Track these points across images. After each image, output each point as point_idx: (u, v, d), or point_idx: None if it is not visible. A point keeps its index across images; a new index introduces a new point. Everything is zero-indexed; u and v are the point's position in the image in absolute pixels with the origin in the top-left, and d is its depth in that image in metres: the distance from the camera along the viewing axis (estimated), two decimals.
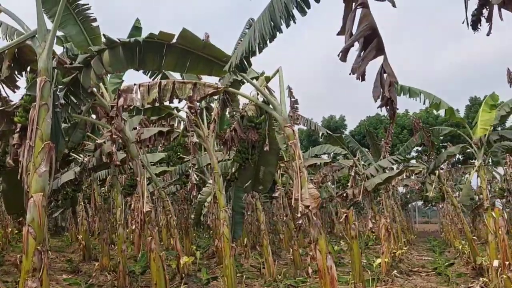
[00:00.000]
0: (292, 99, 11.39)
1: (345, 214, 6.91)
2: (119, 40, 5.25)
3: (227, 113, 9.08)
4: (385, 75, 2.50)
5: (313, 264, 11.27)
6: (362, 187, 11.31)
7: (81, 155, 10.65)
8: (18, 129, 4.82)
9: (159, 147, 13.97)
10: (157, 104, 6.17)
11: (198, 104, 8.75)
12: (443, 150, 19.68)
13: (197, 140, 8.34)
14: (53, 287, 8.23)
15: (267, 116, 6.20)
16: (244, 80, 6.86)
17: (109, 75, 7.64)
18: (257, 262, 11.58)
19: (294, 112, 11.74)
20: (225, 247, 7.97)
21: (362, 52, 2.56)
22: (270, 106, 5.88)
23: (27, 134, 4.83)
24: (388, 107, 2.53)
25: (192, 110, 8.41)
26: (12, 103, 6.14)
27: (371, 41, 2.54)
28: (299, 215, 5.27)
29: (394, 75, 2.46)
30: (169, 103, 6.29)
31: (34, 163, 4.21)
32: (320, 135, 12.74)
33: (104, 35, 5.23)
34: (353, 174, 12.31)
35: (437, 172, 12.13)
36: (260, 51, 4.44)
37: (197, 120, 8.49)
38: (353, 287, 6.52)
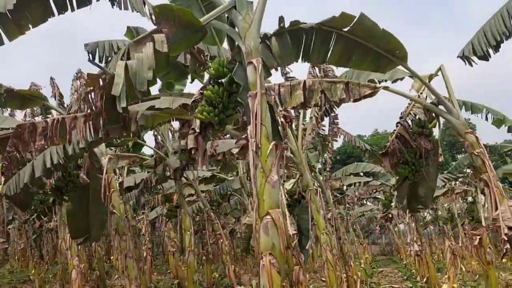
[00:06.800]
0: (333, 114, 10.78)
1: (478, 237, 6.16)
2: (298, 22, 4.30)
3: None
4: None
5: None
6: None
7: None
8: (195, 130, 3.64)
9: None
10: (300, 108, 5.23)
11: (293, 112, 7.83)
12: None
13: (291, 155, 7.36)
14: None
15: (438, 121, 5.40)
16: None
17: None
18: None
19: (333, 127, 11.11)
20: (331, 276, 6.95)
21: None
22: (442, 107, 5.11)
23: (206, 134, 3.76)
24: None
25: (287, 120, 7.47)
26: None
27: None
28: (503, 236, 4.48)
29: None
30: (314, 106, 5.35)
31: (263, 169, 3.11)
32: (363, 152, 12.09)
33: (280, 18, 4.26)
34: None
35: None
36: None
37: (288, 132, 7.54)
38: None
